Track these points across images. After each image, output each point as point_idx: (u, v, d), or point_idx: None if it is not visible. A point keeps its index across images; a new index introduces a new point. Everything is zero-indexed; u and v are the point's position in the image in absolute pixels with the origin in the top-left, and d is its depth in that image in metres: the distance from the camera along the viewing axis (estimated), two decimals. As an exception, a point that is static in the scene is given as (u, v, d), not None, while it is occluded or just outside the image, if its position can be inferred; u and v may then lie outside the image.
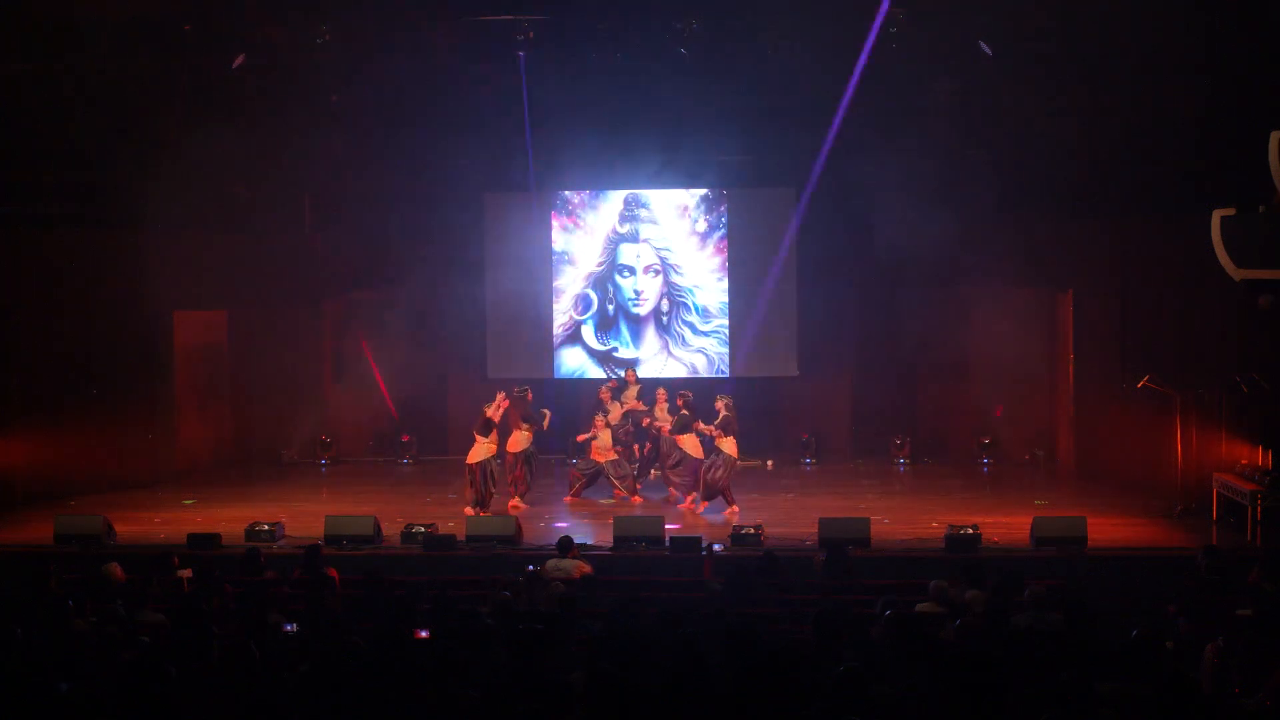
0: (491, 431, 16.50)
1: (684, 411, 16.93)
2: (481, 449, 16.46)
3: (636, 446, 18.02)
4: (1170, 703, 6.77)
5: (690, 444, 16.82)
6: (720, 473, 16.41)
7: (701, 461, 16.68)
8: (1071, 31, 17.06)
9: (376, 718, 6.85)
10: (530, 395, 17.32)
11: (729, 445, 16.42)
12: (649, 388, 18.42)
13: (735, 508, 16.37)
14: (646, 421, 17.73)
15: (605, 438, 17.45)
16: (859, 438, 21.34)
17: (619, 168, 20.44)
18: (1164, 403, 16.43)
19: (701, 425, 16.72)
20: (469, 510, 16.29)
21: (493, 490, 16.55)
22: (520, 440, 17.02)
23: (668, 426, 17.26)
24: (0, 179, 17.63)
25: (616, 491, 17.40)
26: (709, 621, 9.12)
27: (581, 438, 17.65)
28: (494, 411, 16.56)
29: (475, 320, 21.20)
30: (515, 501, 16.88)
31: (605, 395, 17.92)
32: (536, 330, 21.09)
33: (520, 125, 19.62)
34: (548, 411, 17.50)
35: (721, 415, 16.49)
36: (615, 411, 17.79)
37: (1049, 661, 7.80)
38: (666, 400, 17.59)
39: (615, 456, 17.47)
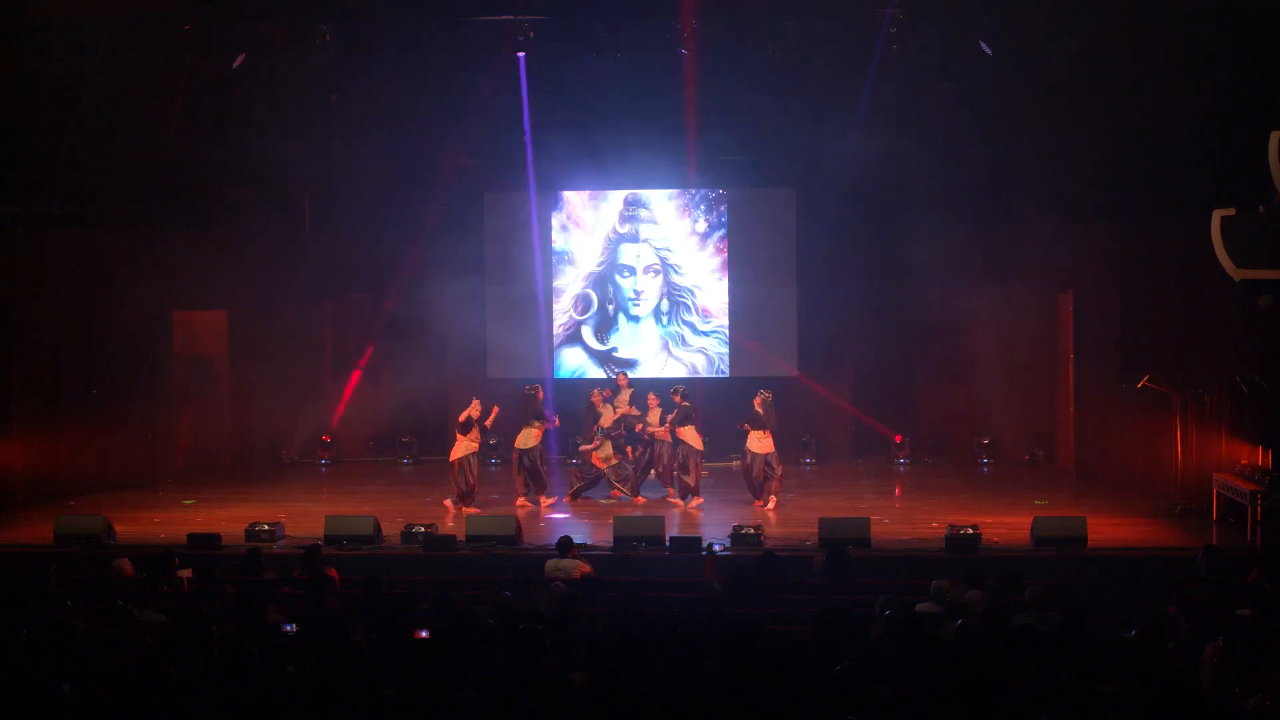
0: (472, 429, 17.00)
1: (683, 404, 17.04)
2: (462, 446, 16.95)
3: (630, 450, 17.91)
4: (1170, 703, 6.77)
5: (690, 435, 16.99)
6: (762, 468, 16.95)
7: (702, 454, 17.20)
8: (1071, 32, 17.07)
9: (376, 718, 6.85)
10: (541, 394, 17.51)
11: (757, 442, 16.91)
12: (646, 389, 18.35)
13: (758, 502, 16.94)
14: (640, 427, 17.67)
15: (606, 448, 17.45)
16: (859, 438, 21.34)
17: (619, 168, 20.42)
18: (1164, 403, 16.43)
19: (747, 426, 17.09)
20: (448, 503, 16.87)
21: (475, 485, 17.03)
22: (530, 438, 17.18)
23: (661, 431, 17.36)
24: (0, 179, 17.62)
25: (614, 491, 17.44)
26: (709, 621, 9.11)
27: (584, 448, 17.62)
28: (473, 410, 17.09)
29: (475, 320, 21.19)
30: (544, 500, 17.25)
31: (598, 399, 17.80)
32: (536, 330, 21.09)
33: (520, 125, 19.63)
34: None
35: (754, 411, 16.96)
36: (608, 416, 17.70)
37: (1049, 661, 7.79)
38: (659, 405, 17.61)
39: (616, 461, 17.49)
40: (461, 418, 17.12)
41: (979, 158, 19.52)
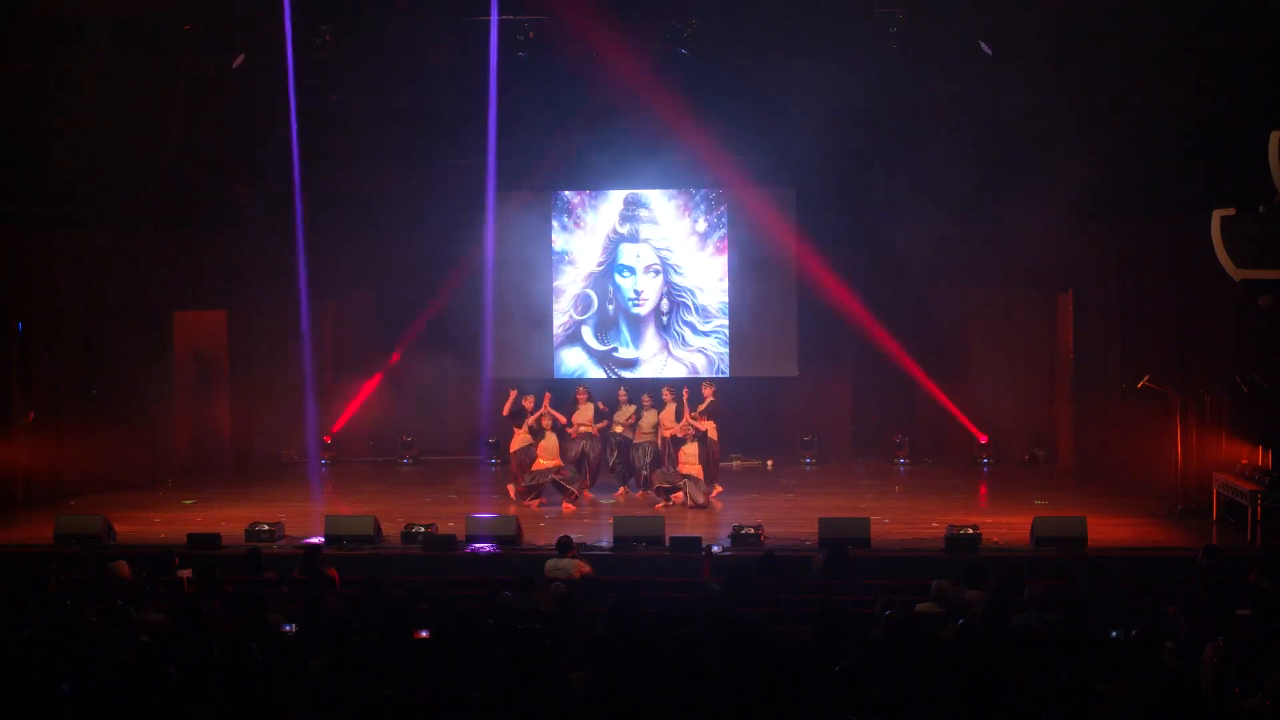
0: (525, 419, 17.28)
1: (712, 400, 17.36)
2: (519, 438, 17.31)
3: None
4: (1170, 703, 6.77)
5: (711, 429, 17.32)
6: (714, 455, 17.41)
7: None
8: (1071, 31, 17.06)
9: (376, 718, 6.85)
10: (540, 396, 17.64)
11: (713, 429, 17.27)
12: (646, 390, 18.36)
13: (719, 488, 17.35)
14: (602, 424, 17.74)
15: (587, 411, 17.61)
16: (859, 438, 21.35)
17: (619, 168, 20.41)
18: (1164, 403, 16.43)
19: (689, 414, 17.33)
20: (511, 489, 17.41)
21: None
22: (522, 439, 17.45)
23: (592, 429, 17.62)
24: (0, 179, 17.62)
25: (586, 493, 17.53)
26: (708, 622, 9.12)
27: (668, 431, 17.49)
28: (525, 403, 17.42)
29: (475, 320, 21.19)
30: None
31: (623, 396, 17.93)
32: (536, 330, 21.09)
33: (521, 125, 19.62)
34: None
35: (708, 401, 17.32)
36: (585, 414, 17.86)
37: (1049, 661, 7.80)
38: (588, 402, 17.83)
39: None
40: (505, 411, 17.40)
41: (979, 157, 19.51)
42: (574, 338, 21.17)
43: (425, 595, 10.75)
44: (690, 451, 17.00)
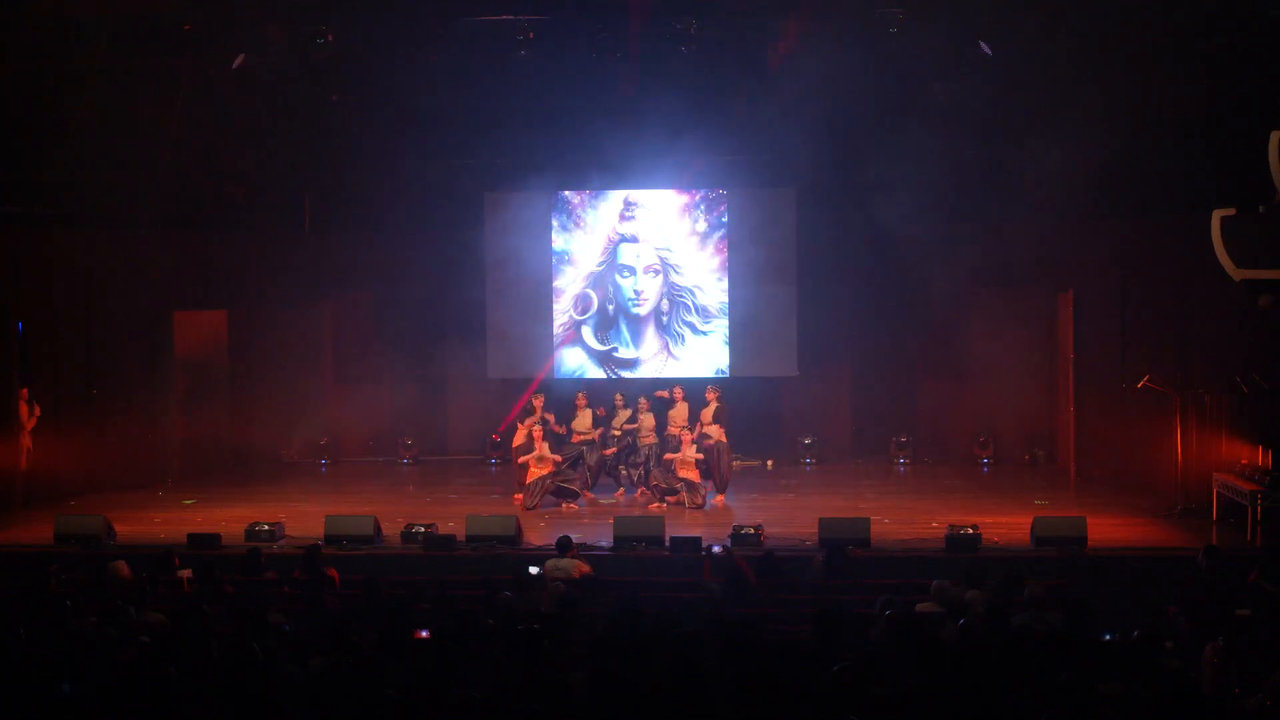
0: (531, 415, 17.26)
1: (717, 404, 17.46)
2: (522, 434, 17.27)
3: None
4: (1170, 703, 6.77)
5: (717, 432, 17.35)
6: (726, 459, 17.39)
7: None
8: (1071, 31, 17.07)
9: (376, 718, 6.85)
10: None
11: (721, 433, 17.29)
12: (643, 393, 18.35)
13: (721, 497, 17.30)
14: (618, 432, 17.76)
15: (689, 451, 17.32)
16: (859, 438, 21.35)
17: (619, 168, 20.40)
18: (1164, 403, 16.43)
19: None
20: (517, 497, 17.17)
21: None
22: (524, 434, 17.46)
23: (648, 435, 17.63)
24: (0, 179, 17.62)
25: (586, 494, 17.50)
26: (708, 622, 9.12)
27: (670, 456, 17.36)
28: (536, 401, 17.42)
29: (475, 320, 21.19)
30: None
31: (645, 405, 17.89)
32: (536, 330, 21.08)
33: (520, 125, 19.63)
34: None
35: (713, 406, 17.37)
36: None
37: (1049, 661, 7.80)
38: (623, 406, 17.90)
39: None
40: (519, 405, 17.56)
41: (978, 157, 19.51)
42: (574, 338, 21.15)
43: (425, 595, 10.76)
44: (688, 457, 16.99)
